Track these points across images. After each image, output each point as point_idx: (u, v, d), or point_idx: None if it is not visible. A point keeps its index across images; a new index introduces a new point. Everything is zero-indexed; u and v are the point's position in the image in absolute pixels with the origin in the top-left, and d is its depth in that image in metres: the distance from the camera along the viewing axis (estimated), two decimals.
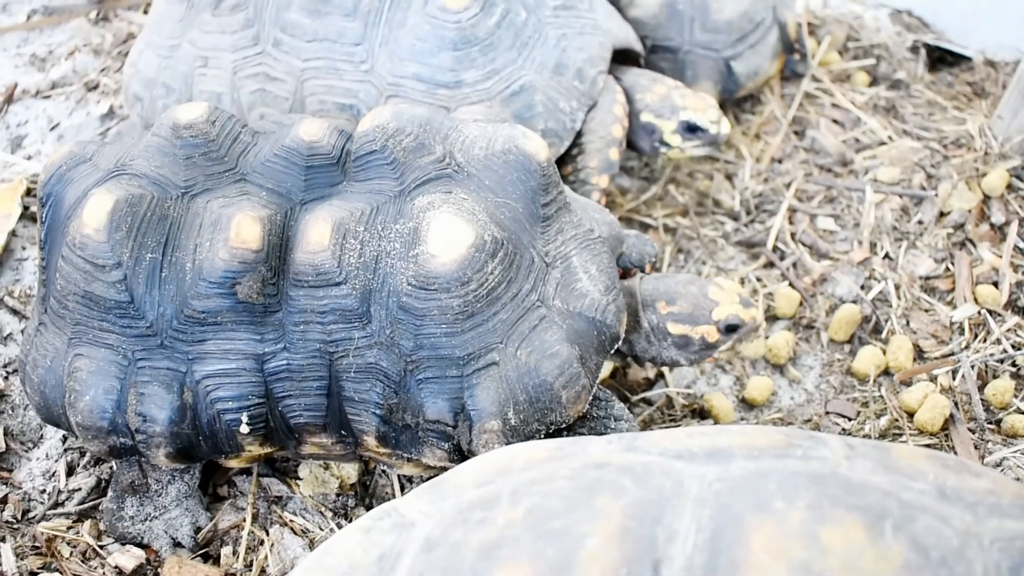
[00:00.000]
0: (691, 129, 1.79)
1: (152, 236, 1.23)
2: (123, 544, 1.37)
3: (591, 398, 1.34)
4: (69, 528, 1.39)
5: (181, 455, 1.27)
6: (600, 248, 1.37)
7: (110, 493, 1.38)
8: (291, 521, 1.41)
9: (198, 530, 1.39)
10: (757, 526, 0.79)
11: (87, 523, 1.40)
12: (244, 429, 1.26)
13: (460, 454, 1.26)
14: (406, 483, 1.49)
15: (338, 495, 1.45)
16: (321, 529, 1.40)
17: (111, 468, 1.47)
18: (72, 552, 1.37)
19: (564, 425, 1.31)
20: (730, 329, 1.44)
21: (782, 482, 0.83)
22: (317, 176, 1.29)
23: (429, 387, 1.23)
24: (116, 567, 1.34)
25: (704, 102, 1.80)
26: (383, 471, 1.50)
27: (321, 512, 1.43)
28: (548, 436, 1.31)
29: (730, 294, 1.46)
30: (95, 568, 1.35)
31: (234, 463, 1.37)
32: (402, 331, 1.22)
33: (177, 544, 1.37)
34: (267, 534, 1.39)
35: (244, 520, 1.41)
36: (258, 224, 1.21)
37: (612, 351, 1.37)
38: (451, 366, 1.23)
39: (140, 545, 1.37)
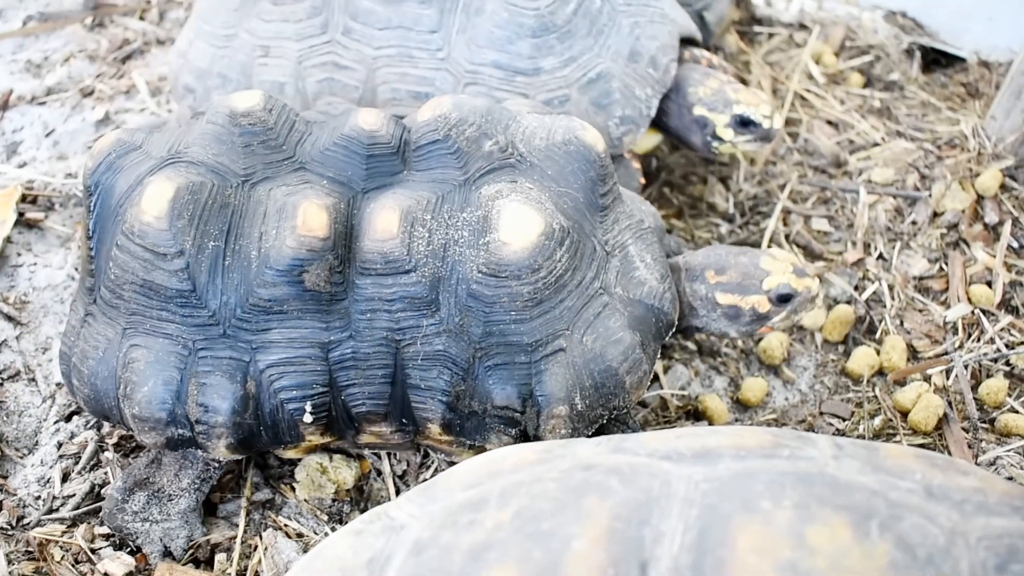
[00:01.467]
0: (744, 123, 1.76)
1: (214, 224, 1.22)
2: (116, 536, 1.38)
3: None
4: (63, 533, 1.39)
5: (242, 446, 1.27)
6: (652, 238, 1.40)
7: (119, 483, 1.37)
8: (285, 525, 1.41)
9: (191, 542, 1.39)
10: (744, 526, 0.79)
11: (81, 527, 1.40)
12: (307, 418, 1.26)
13: (526, 440, 1.28)
14: (402, 487, 1.49)
15: (333, 500, 1.46)
16: (316, 533, 1.40)
17: (106, 474, 1.47)
18: (64, 556, 1.37)
19: (625, 410, 1.34)
20: (782, 299, 1.41)
21: (769, 482, 0.84)
22: (378, 165, 1.29)
23: (498, 373, 1.24)
24: (105, 574, 1.34)
25: (757, 97, 1.78)
26: (379, 476, 1.50)
27: (316, 516, 1.43)
28: (610, 421, 1.34)
29: (783, 263, 1.43)
30: (85, 574, 1.35)
31: (291, 453, 1.37)
32: (471, 318, 1.23)
33: (168, 553, 1.37)
34: (260, 539, 1.39)
35: (235, 536, 1.41)
36: (325, 212, 1.21)
37: (668, 337, 1.39)
38: (520, 352, 1.24)
39: (131, 552, 1.37)
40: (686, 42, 1.85)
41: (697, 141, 1.81)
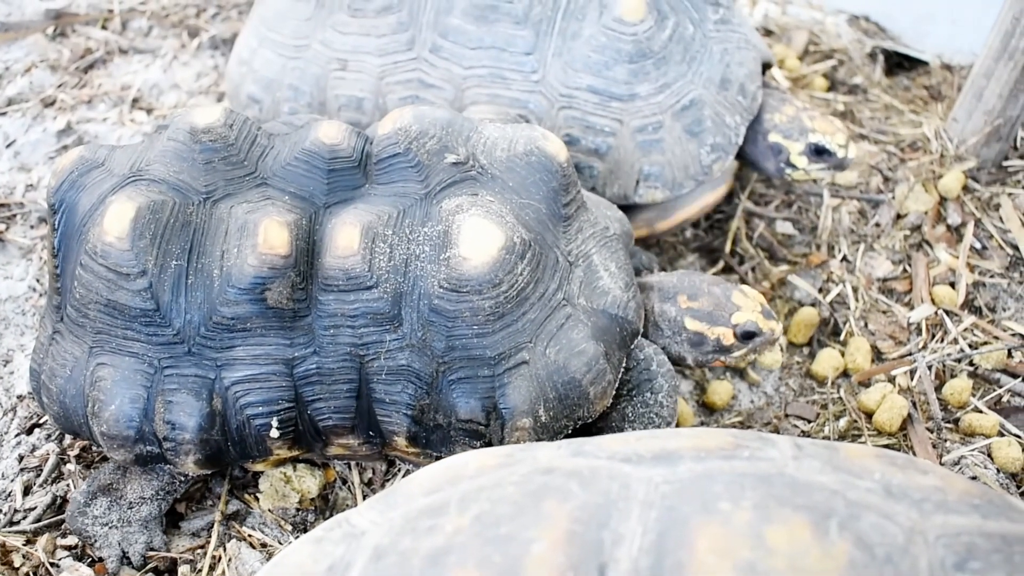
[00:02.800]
0: (818, 152, 1.76)
1: (176, 243, 1.21)
2: (77, 547, 1.37)
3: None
4: (26, 543, 1.37)
5: (209, 461, 1.27)
6: (617, 246, 1.40)
7: (83, 486, 1.37)
8: (249, 536, 1.40)
9: (151, 550, 1.37)
10: (703, 527, 0.79)
11: (43, 539, 1.38)
12: (274, 433, 1.26)
13: None
14: (369, 495, 1.48)
15: (298, 509, 1.44)
16: (280, 543, 1.39)
17: (68, 486, 1.45)
18: (24, 563, 1.35)
19: (590, 420, 1.34)
20: (746, 336, 1.43)
21: (729, 483, 0.83)
22: (339, 179, 1.28)
23: (461, 387, 1.24)
24: None
25: (832, 125, 1.78)
26: (344, 484, 1.49)
27: (280, 526, 1.42)
28: (575, 432, 1.33)
29: (753, 302, 1.45)
30: None
31: (260, 467, 1.37)
32: (434, 333, 1.23)
33: (126, 560, 1.36)
34: (224, 549, 1.38)
35: (198, 547, 1.40)
36: (286, 229, 1.21)
37: (632, 346, 1.39)
38: (483, 366, 1.24)
39: (90, 563, 1.36)
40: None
41: (771, 167, 1.81)
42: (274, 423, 1.25)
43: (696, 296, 1.45)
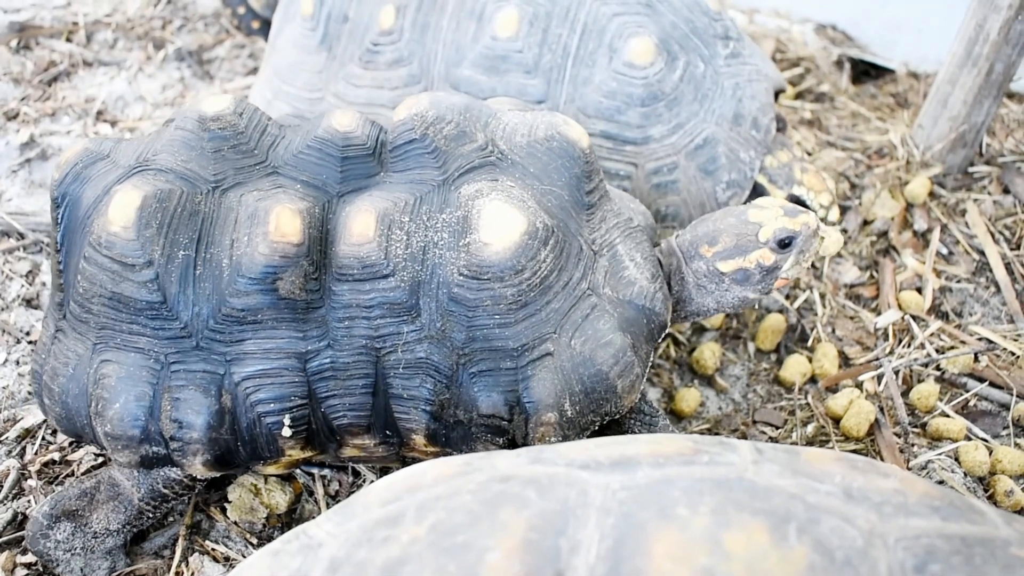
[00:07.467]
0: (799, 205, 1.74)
1: (184, 232, 1.17)
2: (37, 565, 1.34)
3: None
4: None
5: (219, 462, 1.22)
6: (641, 237, 1.36)
7: (45, 507, 1.33)
8: (213, 549, 1.38)
9: (113, 573, 1.35)
10: (660, 533, 0.78)
11: (2, 556, 1.36)
12: (286, 432, 1.21)
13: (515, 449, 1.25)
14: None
15: (264, 525, 1.43)
16: (243, 556, 1.37)
17: (29, 502, 1.43)
18: None
19: (617, 416, 1.30)
20: (783, 245, 1.35)
21: (687, 488, 0.83)
22: (353, 167, 1.24)
23: (483, 380, 1.20)
24: None
25: (822, 184, 1.76)
26: (311, 496, 1.47)
27: (246, 539, 1.40)
28: (601, 428, 1.30)
29: (772, 210, 1.37)
30: None
31: (271, 470, 1.31)
32: (454, 323, 1.19)
33: None
34: (187, 564, 1.36)
35: (159, 569, 1.38)
36: (298, 217, 1.16)
37: (660, 339, 1.35)
38: (505, 358, 1.20)
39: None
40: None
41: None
42: (286, 421, 1.20)
43: (716, 239, 1.38)
